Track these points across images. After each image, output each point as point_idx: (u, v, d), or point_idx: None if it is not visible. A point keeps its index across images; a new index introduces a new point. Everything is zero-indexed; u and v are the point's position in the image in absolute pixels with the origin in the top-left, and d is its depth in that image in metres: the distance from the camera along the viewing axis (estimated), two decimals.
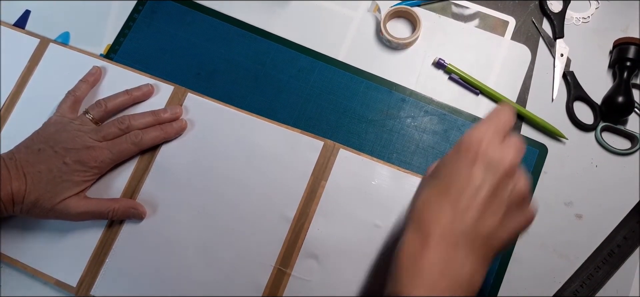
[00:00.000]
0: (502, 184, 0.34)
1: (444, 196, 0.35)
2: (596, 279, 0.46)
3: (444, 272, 0.33)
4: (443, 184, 0.36)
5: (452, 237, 0.34)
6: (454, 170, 0.36)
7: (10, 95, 0.54)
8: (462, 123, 0.51)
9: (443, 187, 0.36)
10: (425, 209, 0.36)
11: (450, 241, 0.34)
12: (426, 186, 0.37)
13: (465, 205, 0.34)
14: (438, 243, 0.33)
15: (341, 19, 0.56)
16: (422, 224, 0.35)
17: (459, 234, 0.34)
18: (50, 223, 0.49)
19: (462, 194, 0.34)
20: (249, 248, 0.47)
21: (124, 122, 0.49)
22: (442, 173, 0.36)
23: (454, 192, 0.35)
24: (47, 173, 0.45)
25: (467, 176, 0.35)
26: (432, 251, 0.33)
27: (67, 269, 0.48)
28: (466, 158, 0.35)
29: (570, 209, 0.49)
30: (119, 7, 0.58)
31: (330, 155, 0.50)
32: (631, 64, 0.50)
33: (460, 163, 0.35)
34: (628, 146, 0.50)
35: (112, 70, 0.55)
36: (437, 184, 0.36)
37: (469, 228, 0.34)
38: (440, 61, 0.52)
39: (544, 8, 0.55)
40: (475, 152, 0.35)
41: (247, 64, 0.54)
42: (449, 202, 0.34)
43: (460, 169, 0.35)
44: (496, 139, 0.35)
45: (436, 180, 0.37)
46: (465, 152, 0.35)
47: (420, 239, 0.34)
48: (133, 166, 0.50)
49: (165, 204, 0.49)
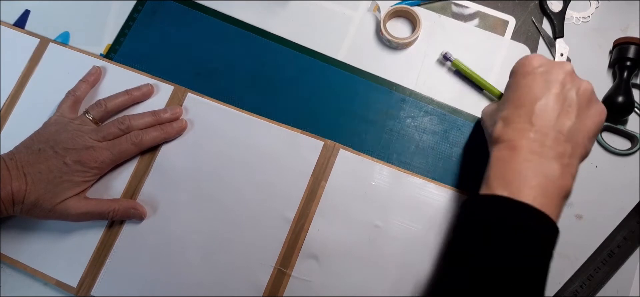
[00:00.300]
0: (566, 87, 0.39)
1: (520, 110, 0.39)
2: (596, 279, 0.46)
3: (535, 171, 0.36)
4: (515, 103, 0.40)
5: (537, 142, 0.37)
6: (521, 87, 0.40)
7: (10, 95, 0.54)
8: (462, 123, 0.51)
9: (517, 104, 0.39)
10: (506, 128, 0.39)
11: (536, 146, 0.37)
12: (499, 111, 0.41)
13: (541, 111, 0.38)
14: (526, 149, 0.37)
15: (341, 18, 0.56)
16: (508, 141, 0.38)
17: (542, 137, 0.37)
18: (50, 223, 0.49)
19: (536, 103, 0.38)
20: (249, 248, 0.47)
21: (124, 122, 0.49)
22: (511, 96, 0.41)
23: (528, 104, 0.38)
24: (47, 173, 0.45)
25: (534, 89, 0.39)
26: (521, 155, 0.37)
27: (68, 269, 0.48)
28: (527, 76, 0.40)
29: (570, 209, 0.49)
30: (119, 7, 0.58)
31: (330, 155, 0.50)
32: (631, 64, 0.50)
33: (523, 81, 0.40)
34: (628, 146, 0.50)
35: (112, 70, 0.54)
36: (509, 105, 0.40)
37: (550, 130, 0.37)
38: (447, 55, 0.52)
39: (544, 8, 0.55)
40: (533, 69, 0.40)
41: (247, 64, 0.54)
42: (526, 114, 0.38)
43: (527, 85, 0.40)
44: (544, 59, 0.41)
45: (507, 102, 0.41)
46: (523, 73, 0.40)
47: (508, 150, 0.38)
48: (133, 166, 0.50)
49: (165, 204, 0.49)
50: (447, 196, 0.48)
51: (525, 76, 0.40)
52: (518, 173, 0.36)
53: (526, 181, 0.35)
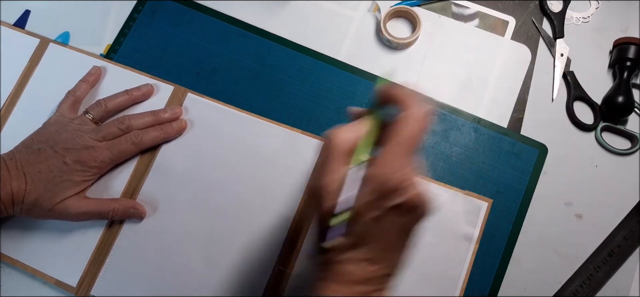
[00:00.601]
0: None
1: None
2: (596, 279, 0.46)
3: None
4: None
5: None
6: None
7: (10, 95, 0.54)
8: (462, 123, 0.51)
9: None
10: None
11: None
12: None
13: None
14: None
15: (341, 19, 0.56)
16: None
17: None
18: (50, 223, 0.49)
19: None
20: (249, 248, 0.47)
21: (124, 122, 0.49)
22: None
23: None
24: (47, 173, 0.45)
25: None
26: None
27: (67, 269, 0.48)
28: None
29: (570, 209, 0.49)
30: (119, 7, 0.58)
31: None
32: (631, 64, 0.50)
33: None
34: (628, 146, 0.50)
35: (112, 70, 0.54)
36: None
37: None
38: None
39: (544, 8, 0.55)
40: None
41: (247, 64, 0.54)
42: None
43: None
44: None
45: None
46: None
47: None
48: (133, 166, 0.50)
49: (165, 204, 0.49)
50: (447, 196, 0.48)
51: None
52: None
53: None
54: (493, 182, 0.49)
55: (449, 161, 0.50)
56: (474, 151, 0.50)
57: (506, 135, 0.51)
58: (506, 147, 0.50)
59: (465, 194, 0.48)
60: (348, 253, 0.31)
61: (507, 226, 0.48)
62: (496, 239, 0.47)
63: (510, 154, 0.50)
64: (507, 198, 0.48)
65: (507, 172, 0.49)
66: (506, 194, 0.49)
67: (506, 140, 0.50)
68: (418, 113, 0.31)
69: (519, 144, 0.50)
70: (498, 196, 0.48)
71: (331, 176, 0.31)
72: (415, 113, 0.31)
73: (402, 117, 0.31)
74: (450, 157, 0.50)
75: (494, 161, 0.50)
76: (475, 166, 0.50)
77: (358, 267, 0.31)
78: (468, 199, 0.48)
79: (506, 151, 0.50)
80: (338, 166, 0.32)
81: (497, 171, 0.49)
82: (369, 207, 0.30)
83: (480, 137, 0.51)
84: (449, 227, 0.47)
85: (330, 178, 0.31)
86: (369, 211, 0.30)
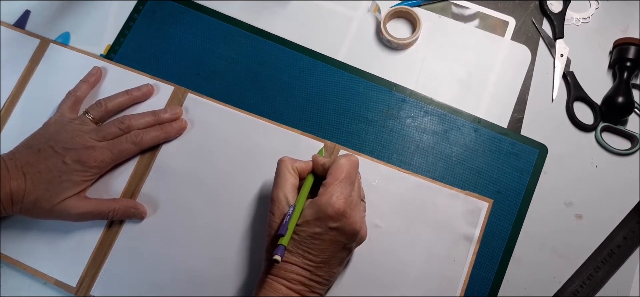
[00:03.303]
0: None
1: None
2: (596, 279, 0.46)
3: None
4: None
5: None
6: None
7: (10, 96, 0.54)
8: (462, 123, 0.51)
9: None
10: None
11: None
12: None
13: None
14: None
15: (341, 19, 0.56)
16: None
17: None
18: (50, 223, 0.49)
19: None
20: (249, 248, 0.47)
21: (124, 122, 0.49)
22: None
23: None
24: (47, 173, 0.45)
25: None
26: None
27: (67, 269, 0.48)
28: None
29: (570, 209, 0.49)
30: (119, 7, 0.58)
31: (330, 156, 0.50)
32: (631, 64, 0.50)
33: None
34: (628, 146, 0.50)
35: (112, 71, 0.54)
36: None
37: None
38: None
39: (544, 8, 0.55)
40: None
41: (247, 64, 0.54)
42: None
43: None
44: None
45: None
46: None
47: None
48: (133, 166, 0.50)
49: (165, 204, 0.49)
50: (447, 196, 0.48)
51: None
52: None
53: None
54: (493, 182, 0.49)
55: (449, 161, 0.50)
56: (474, 151, 0.50)
57: (506, 135, 0.51)
58: (506, 148, 0.50)
59: (465, 195, 0.48)
60: (292, 259, 0.39)
61: (507, 226, 0.48)
62: (496, 239, 0.47)
63: (510, 154, 0.50)
64: (507, 198, 0.48)
65: (507, 172, 0.49)
66: (506, 194, 0.49)
67: (506, 140, 0.50)
68: (346, 157, 0.41)
69: (519, 144, 0.50)
70: (498, 196, 0.48)
71: (276, 190, 0.41)
72: (344, 157, 0.41)
73: (334, 162, 0.41)
74: (450, 157, 0.50)
75: (494, 161, 0.50)
76: (475, 166, 0.50)
77: (298, 272, 0.39)
78: (468, 199, 0.48)
79: (506, 151, 0.50)
80: (285, 181, 0.41)
81: (497, 171, 0.49)
82: (310, 224, 0.39)
83: (480, 138, 0.51)
84: (449, 228, 0.47)
85: (276, 193, 0.41)
86: (310, 227, 0.39)
